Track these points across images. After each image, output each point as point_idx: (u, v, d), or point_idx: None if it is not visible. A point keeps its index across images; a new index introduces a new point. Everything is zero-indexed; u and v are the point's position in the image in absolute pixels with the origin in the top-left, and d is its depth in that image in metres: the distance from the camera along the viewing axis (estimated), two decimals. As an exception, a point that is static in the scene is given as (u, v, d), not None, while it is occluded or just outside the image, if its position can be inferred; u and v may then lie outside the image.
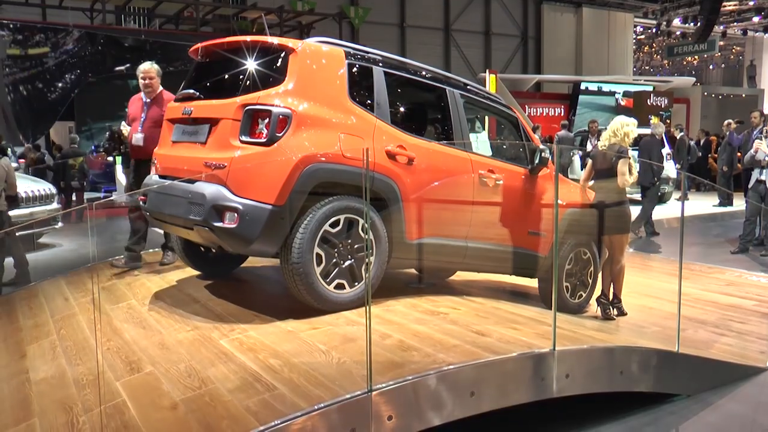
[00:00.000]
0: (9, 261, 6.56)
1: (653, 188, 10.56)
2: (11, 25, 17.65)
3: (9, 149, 12.41)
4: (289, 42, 4.25)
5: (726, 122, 14.31)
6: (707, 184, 15.28)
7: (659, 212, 13.09)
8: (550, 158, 5.29)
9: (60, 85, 18.02)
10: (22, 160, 13.35)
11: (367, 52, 4.61)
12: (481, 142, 5.72)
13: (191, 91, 4.53)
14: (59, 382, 3.54)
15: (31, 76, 17.63)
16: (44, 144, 17.84)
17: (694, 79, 32.32)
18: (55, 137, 18.70)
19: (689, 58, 38.71)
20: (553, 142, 14.50)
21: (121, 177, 15.95)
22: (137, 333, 4.06)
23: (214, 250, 5.05)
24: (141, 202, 4.72)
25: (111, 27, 20.23)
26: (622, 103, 24.02)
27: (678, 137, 15.41)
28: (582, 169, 5.72)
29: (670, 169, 14.08)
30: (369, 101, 4.43)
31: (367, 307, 3.33)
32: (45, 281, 5.92)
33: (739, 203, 10.70)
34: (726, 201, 14.10)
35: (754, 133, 10.84)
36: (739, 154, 12.90)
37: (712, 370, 4.52)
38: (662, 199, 14.49)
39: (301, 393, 3.01)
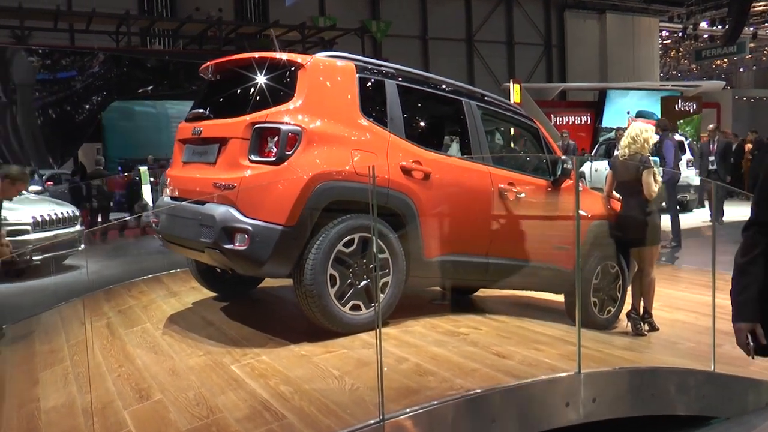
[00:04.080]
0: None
1: None
2: (40, 51, 17.99)
3: (36, 173, 12.58)
4: (298, 57, 4.16)
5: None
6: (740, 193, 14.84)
7: (685, 221, 12.74)
8: (572, 169, 5.12)
9: (87, 107, 18.29)
10: (49, 183, 13.49)
11: (379, 66, 4.49)
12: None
13: (200, 110, 4.46)
14: (68, 411, 3.46)
15: (59, 100, 17.94)
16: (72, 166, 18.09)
17: (723, 82, 31.68)
18: (83, 159, 18.96)
19: (718, 61, 38.01)
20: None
21: (147, 197, 16.09)
22: (149, 358, 3.97)
23: (229, 271, 4.96)
24: (153, 225, 4.65)
25: (136, 48, 20.52)
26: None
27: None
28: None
29: (691, 176, 13.70)
30: (382, 116, 4.31)
31: (378, 331, 3.19)
32: (64, 305, 5.88)
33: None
34: None
35: None
36: None
37: (752, 390, 4.27)
38: (686, 208, 14.08)
39: (310, 422, 2.88)
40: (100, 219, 12.59)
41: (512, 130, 6.25)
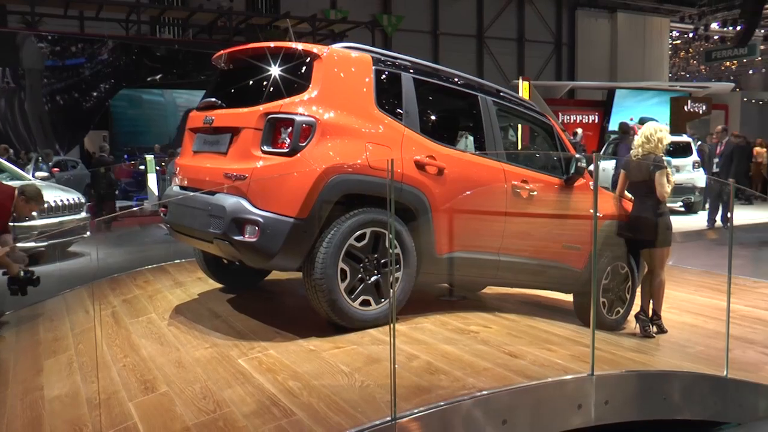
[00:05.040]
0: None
1: None
2: (49, 37, 17.97)
3: (40, 159, 12.55)
4: (314, 48, 4.09)
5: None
6: (755, 195, 14.69)
7: (691, 223, 12.61)
8: (586, 168, 5.05)
9: (95, 94, 18.29)
10: (55, 170, 13.45)
11: (396, 58, 4.42)
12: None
13: (212, 99, 4.40)
14: (72, 401, 3.42)
15: (68, 86, 17.94)
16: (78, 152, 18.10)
17: (733, 84, 31.43)
18: (89, 146, 18.95)
19: (728, 63, 37.72)
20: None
21: (152, 186, 16.05)
22: (155, 349, 3.92)
23: (237, 263, 4.90)
24: (162, 214, 4.60)
25: (146, 37, 20.48)
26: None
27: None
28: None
29: (696, 177, 13.55)
30: (397, 109, 4.24)
31: (392, 326, 3.13)
32: (69, 292, 5.84)
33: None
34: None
35: None
36: None
37: (764, 396, 4.20)
38: (692, 209, 13.95)
39: (319, 419, 2.82)
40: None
41: (521, 126, 6.18)
